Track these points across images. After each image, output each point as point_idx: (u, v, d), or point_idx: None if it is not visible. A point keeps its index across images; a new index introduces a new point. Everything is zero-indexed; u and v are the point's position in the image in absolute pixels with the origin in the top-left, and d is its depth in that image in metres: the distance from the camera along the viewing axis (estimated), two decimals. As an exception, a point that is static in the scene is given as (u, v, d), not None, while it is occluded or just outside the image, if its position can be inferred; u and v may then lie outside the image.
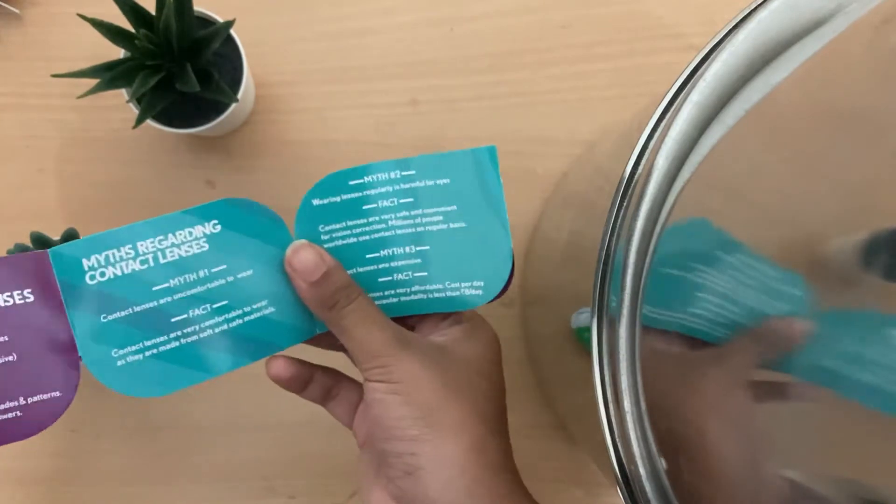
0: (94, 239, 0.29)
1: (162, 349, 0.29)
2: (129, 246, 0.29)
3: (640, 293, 0.24)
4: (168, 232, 0.29)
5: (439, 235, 0.31)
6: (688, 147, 0.24)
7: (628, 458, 0.24)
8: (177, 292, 0.29)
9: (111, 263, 0.29)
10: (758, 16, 0.24)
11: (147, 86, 0.39)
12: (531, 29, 0.49)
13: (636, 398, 0.24)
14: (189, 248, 0.29)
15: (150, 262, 0.29)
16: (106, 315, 0.29)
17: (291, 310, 0.31)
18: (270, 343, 0.31)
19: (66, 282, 0.29)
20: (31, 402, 0.29)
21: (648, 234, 0.24)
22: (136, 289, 0.29)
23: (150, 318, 0.29)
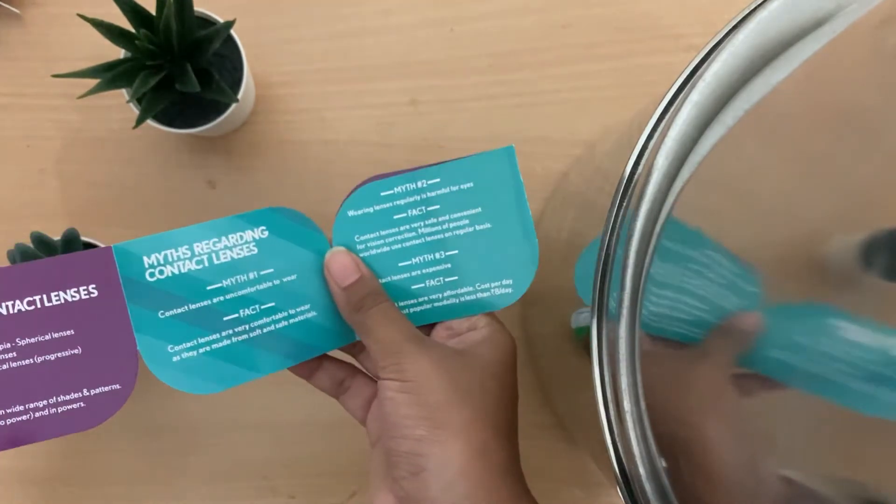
0: (154, 238, 0.30)
1: (215, 346, 0.31)
2: (186, 247, 0.31)
3: (640, 293, 0.24)
4: (221, 235, 0.31)
5: (466, 238, 0.33)
6: (688, 147, 0.24)
7: (628, 458, 0.24)
8: (229, 292, 0.31)
9: (169, 262, 0.31)
10: (758, 16, 0.24)
11: (147, 86, 0.39)
12: (531, 29, 0.49)
13: (636, 398, 0.24)
14: (240, 251, 0.31)
15: (205, 262, 0.31)
16: (164, 311, 0.30)
17: (332, 315, 0.33)
18: (312, 346, 0.33)
19: (128, 278, 0.30)
20: (94, 394, 0.30)
21: (648, 234, 0.24)
22: (192, 287, 0.31)
23: (204, 315, 0.31)
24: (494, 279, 0.33)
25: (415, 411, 0.29)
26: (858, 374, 0.21)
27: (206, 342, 0.31)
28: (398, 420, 0.30)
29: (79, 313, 0.30)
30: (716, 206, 0.25)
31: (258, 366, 0.32)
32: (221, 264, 0.31)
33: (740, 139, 0.24)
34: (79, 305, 0.30)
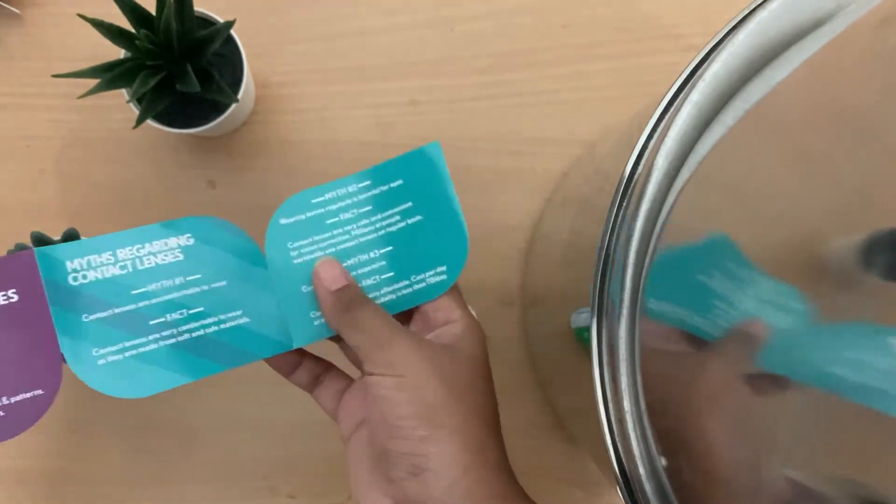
0: (77, 244, 0.31)
1: (141, 350, 0.31)
2: (109, 253, 0.31)
3: (640, 293, 0.24)
4: (145, 241, 0.31)
5: (399, 234, 0.33)
6: (688, 147, 0.24)
7: (628, 458, 0.24)
8: (154, 297, 0.31)
9: (92, 267, 0.31)
10: (758, 16, 0.24)
11: (147, 86, 0.39)
12: (531, 29, 0.49)
13: (636, 398, 0.24)
14: (165, 257, 0.31)
15: (129, 267, 0.31)
16: (87, 315, 0.30)
17: (268, 323, 0.33)
18: (246, 352, 0.33)
19: (51, 281, 0.30)
20: (13, 402, 0.30)
21: (648, 234, 0.24)
22: (116, 291, 0.31)
23: (130, 319, 0.31)
24: (429, 268, 0.34)
25: (413, 411, 0.29)
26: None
27: (133, 346, 0.31)
28: (396, 421, 0.29)
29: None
30: (716, 206, 0.25)
31: (188, 370, 0.31)
32: (146, 269, 0.31)
33: (740, 139, 0.24)
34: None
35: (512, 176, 0.49)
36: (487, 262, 0.49)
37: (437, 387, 0.30)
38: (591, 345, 0.25)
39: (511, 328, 0.49)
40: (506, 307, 0.50)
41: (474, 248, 0.50)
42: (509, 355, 0.49)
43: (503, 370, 0.49)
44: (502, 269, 0.50)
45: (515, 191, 0.49)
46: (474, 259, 0.50)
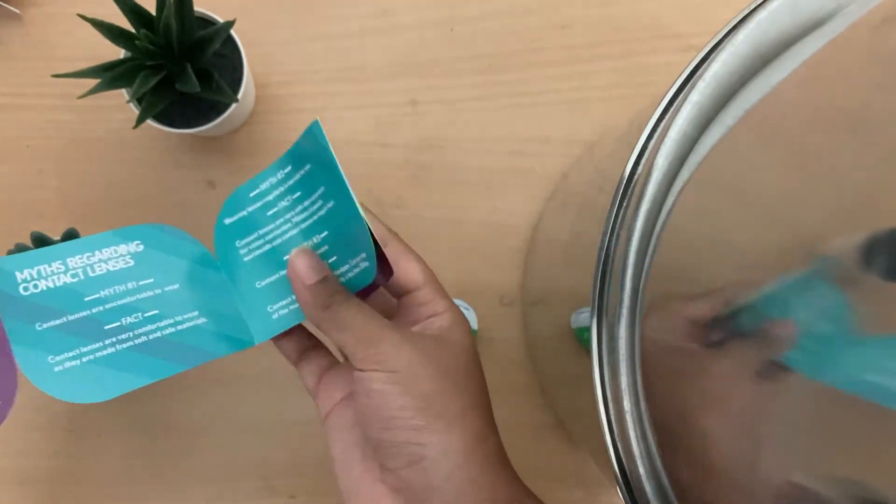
0: (26, 255, 0.31)
1: (98, 355, 0.31)
2: (59, 262, 0.31)
3: (640, 293, 0.24)
4: (95, 249, 0.32)
5: (325, 219, 0.33)
6: (688, 147, 0.24)
7: (628, 458, 0.24)
8: (108, 302, 0.31)
9: (43, 277, 0.31)
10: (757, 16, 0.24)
11: (147, 86, 0.39)
12: (531, 29, 0.49)
13: (636, 398, 0.24)
14: (115, 264, 0.32)
15: (80, 275, 0.31)
16: (41, 323, 0.30)
17: (226, 322, 0.33)
18: (205, 351, 0.33)
19: (2, 292, 0.30)
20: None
21: (648, 234, 0.24)
22: (69, 299, 0.31)
23: (84, 325, 0.31)
24: (356, 255, 0.33)
25: (409, 402, 0.29)
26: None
27: (90, 351, 0.31)
28: (391, 412, 0.29)
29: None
30: (716, 206, 0.25)
31: (148, 371, 0.31)
32: (98, 276, 0.32)
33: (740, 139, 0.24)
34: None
35: (512, 176, 0.49)
36: (487, 262, 0.49)
37: (433, 377, 0.30)
38: (591, 345, 0.25)
39: (511, 328, 0.49)
40: (506, 307, 0.50)
41: (475, 247, 0.50)
42: (509, 355, 0.49)
43: (503, 370, 0.49)
44: (502, 269, 0.50)
45: (515, 191, 0.49)
46: (474, 259, 0.50)
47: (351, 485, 0.32)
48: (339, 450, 0.32)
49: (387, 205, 0.49)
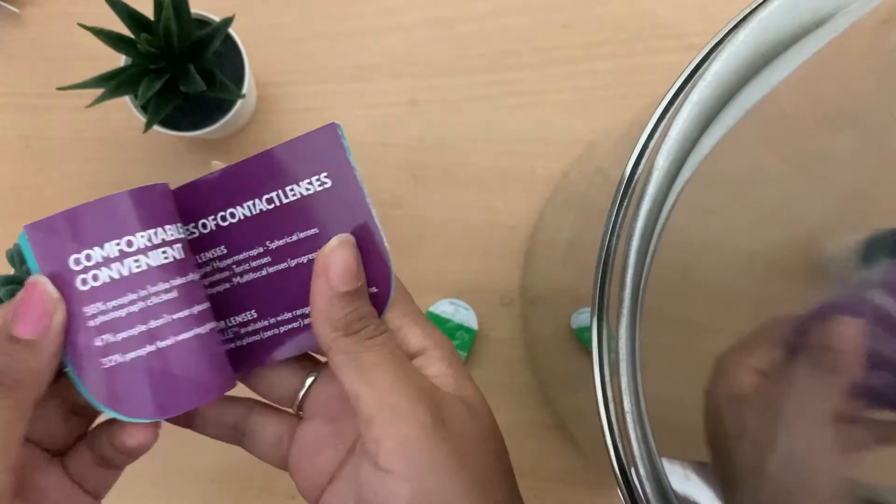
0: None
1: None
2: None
3: (640, 293, 0.24)
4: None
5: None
6: (688, 147, 0.24)
7: (628, 458, 0.24)
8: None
9: None
10: (758, 16, 0.24)
11: (152, 90, 0.39)
12: (531, 29, 0.49)
13: (636, 398, 0.24)
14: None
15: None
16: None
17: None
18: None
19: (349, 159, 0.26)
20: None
21: (648, 234, 0.24)
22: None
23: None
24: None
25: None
26: None
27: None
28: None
29: (316, 208, 0.26)
30: (716, 205, 0.25)
31: None
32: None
33: (740, 139, 0.24)
34: (313, 200, 0.26)
35: (512, 176, 0.49)
36: (487, 262, 0.49)
37: (464, 493, 0.22)
38: (591, 345, 0.25)
39: (511, 328, 0.49)
40: (506, 307, 0.50)
41: (475, 247, 0.50)
42: (509, 355, 0.49)
43: (503, 370, 0.49)
44: (502, 269, 0.49)
45: (515, 191, 0.49)
46: (474, 259, 0.50)
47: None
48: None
49: (386, 205, 0.49)
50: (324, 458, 0.27)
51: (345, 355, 0.23)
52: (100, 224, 0.25)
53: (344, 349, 0.23)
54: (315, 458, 0.27)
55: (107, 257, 0.24)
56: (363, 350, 0.23)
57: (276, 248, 0.26)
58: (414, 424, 0.22)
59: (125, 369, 0.24)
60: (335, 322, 0.23)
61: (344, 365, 0.23)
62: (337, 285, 0.23)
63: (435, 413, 0.23)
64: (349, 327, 0.23)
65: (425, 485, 0.22)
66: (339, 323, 0.23)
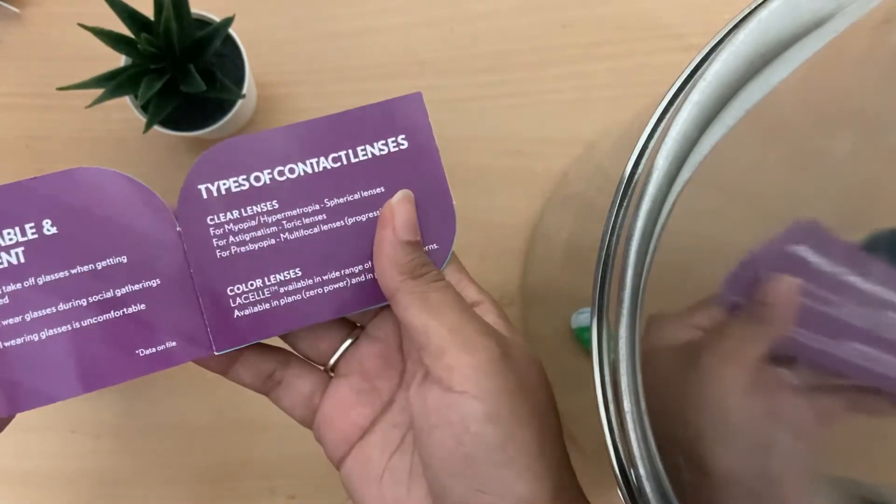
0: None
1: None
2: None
3: (640, 293, 0.24)
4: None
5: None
6: (688, 147, 0.24)
7: (628, 459, 0.24)
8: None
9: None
10: (758, 16, 0.24)
11: (153, 90, 0.39)
12: (531, 29, 0.49)
13: (636, 398, 0.24)
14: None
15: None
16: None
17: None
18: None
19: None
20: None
21: (648, 234, 0.24)
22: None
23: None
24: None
25: (507, 457, 0.23)
26: None
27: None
28: (481, 452, 0.23)
29: (390, 168, 0.27)
30: (716, 205, 0.25)
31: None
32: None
33: (741, 139, 0.24)
34: (388, 159, 0.27)
35: (512, 176, 0.49)
36: (487, 262, 0.49)
37: (531, 419, 0.24)
38: (591, 345, 0.25)
39: (511, 328, 0.49)
40: (506, 307, 0.50)
41: (474, 247, 0.50)
42: (509, 355, 0.49)
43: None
44: (502, 269, 0.50)
45: (515, 191, 0.49)
46: (474, 259, 0.50)
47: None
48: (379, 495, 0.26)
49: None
50: (358, 412, 0.28)
51: (411, 294, 0.24)
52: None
53: (410, 289, 0.25)
54: (350, 411, 0.28)
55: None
56: (429, 290, 0.25)
57: (335, 205, 0.27)
58: (484, 353, 0.24)
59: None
60: (402, 266, 0.25)
61: (411, 303, 0.24)
62: (402, 234, 0.25)
63: (502, 346, 0.24)
64: (415, 271, 0.25)
65: (497, 406, 0.23)
66: (406, 266, 0.25)
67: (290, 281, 0.27)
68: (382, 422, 0.28)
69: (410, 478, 0.26)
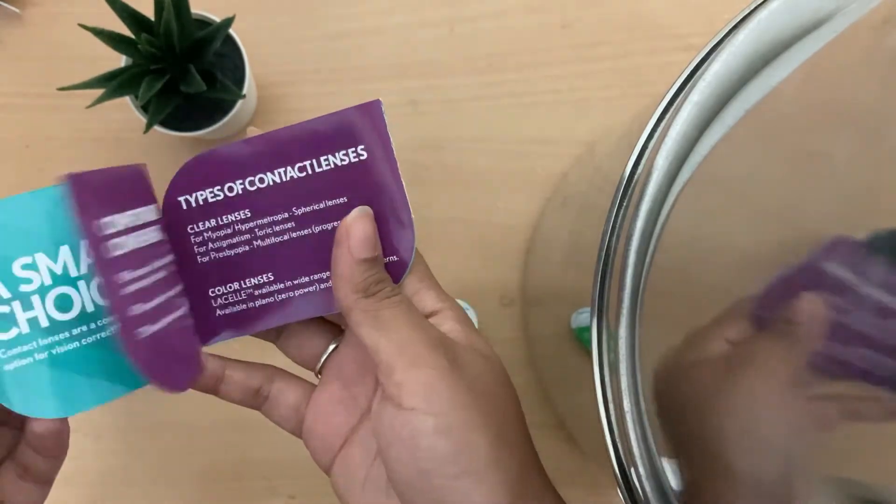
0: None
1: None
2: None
3: (640, 293, 0.24)
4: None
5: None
6: (688, 147, 0.24)
7: (628, 458, 0.24)
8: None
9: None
10: (758, 16, 0.24)
11: (153, 90, 0.39)
12: (531, 29, 0.49)
13: (636, 398, 0.24)
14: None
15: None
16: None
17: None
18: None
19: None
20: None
21: (648, 234, 0.24)
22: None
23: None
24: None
25: (459, 469, 0.23)
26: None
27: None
28: (434, 465, 0.23)
29: (350, 178, 0.27)
30: (716, 206, 0.25)
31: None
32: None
33: (740, 139, 0.24)
34: (348, 171, 0.27)
35: (512, 176, 0.49)
36: (487, 262, 0.49)
37: (483, 427, 0.24)
38: (591, 345, 0.25)
39: (511, 328, 0.49)
40: (506, 307, 0.50)
41: (475, 247, 0.50)
42: (509, 355, 0.49)
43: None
44: (502, 269, 0.50)
45: (515, 191, 0.49)
46: (474, 259, 0.50)
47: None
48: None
49: (387, 205, 0.49)
50: (339, 420, 0.28)
51: (364, 313, 0.25)
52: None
53: (364, 308, 0.25)
54: (330, 419, 0.28)
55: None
56: (381, 308, 0.25)
57: (302, 214, 0.28)
58: (432, 367, 0.24)
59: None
60: (356, 285, 0.25)
61: (363, 321, 0.25)
62: (357, 252, 0.25)
63: (451, 358, 0.24)
64: (368, 289, 0.25)
65: (447, 419, 0.23)
66: (360, 285, 0.25)
67: (263, 284, 0.28)
68: (361, 429, 0.28)
69: (388, 486, 0.26)
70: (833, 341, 0.21)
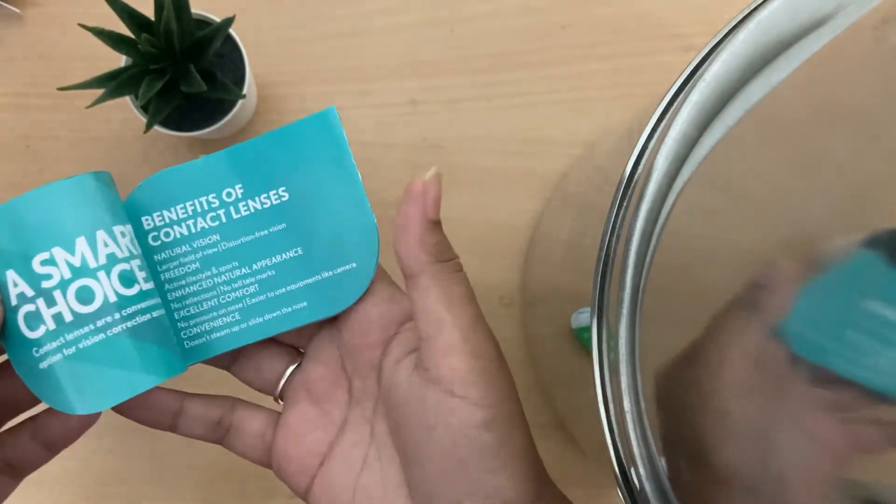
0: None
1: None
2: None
3: (640, 293, 0.24)
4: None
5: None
6: (688, 147, 0.24)
7: (628, 458, 0.24)
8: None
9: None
10: (758, 16, 0.24)
11: (153, 90, 0.39)
12: (531, 29, 0.49)
13: (636, 398, 0.24)
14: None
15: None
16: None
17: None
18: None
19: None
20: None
21: (648, 234, 0.24)
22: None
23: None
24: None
25: (501, 461, 0.22)
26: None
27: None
28: (479, 475, 0.22)
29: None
30: (716, 206, 0.25)
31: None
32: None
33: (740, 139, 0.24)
34: None
35: (512, 176, 0.49)
36: (487, 262, 0.49)
37: (521, 421, 0.24)
38: (591, 345, 0.25)
39: (511, 328, 0.49)
40: (506, 307, 0.50)
41: (475, 247, 0.50)
42: (509, 355, 0.49)
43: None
44: (502, 269, 0.50)
45: (515, 191, 0.49)
46: (474, 259, 0.50)
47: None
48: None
49: (387, 205, 0.49)
50: (313, 439, 0.27)
51: (434, 279, 0.24)
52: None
53: (434, 275, 0.24)
54: (303, 439, 0.27)
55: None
56: (453, 282, 0.24)
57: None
58: (490, 360, 0.24)
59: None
60: (429, 246, 0.24)
61: (432, 290, 0.24)
62: (432, 213, 0.24)
63: (499, 349, 0.25)
64: (441, 254, 0.24)
65: (495, 411, 0.23)
66: (433, 248, 0.24)
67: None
68: (340, 444, 0.27)
69: (385, 492, 0.25)
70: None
